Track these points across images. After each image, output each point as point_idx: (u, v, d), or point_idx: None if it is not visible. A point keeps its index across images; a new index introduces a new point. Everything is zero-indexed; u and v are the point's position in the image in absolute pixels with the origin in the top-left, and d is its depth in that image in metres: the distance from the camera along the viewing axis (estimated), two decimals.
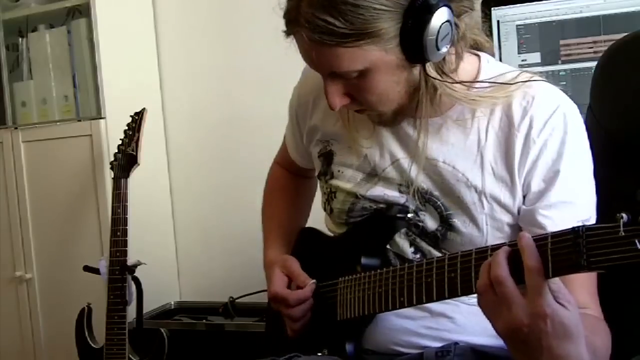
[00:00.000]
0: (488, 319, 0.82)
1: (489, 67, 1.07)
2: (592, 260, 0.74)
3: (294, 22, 0.93)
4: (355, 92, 0.98)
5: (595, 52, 1.81)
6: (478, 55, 1.08)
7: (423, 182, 1.07)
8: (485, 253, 0.86)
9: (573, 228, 0.76)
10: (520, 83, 1.01)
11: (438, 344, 1.06)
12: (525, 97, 1.02)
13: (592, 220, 1.00)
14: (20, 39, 2.44)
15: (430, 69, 0.97)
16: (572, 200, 1.00)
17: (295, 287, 1.15)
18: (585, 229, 0.75)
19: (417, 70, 0.97)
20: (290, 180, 1.40)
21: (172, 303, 2.47)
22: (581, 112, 1.21)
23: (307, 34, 0.91)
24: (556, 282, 0.78)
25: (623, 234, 0.70)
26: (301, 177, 1.38)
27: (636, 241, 0.69)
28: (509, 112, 1.02)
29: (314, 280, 1.14)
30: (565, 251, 0.76)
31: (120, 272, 1.98)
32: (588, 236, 0.74)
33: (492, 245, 0.86)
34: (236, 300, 2.16)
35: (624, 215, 0.70)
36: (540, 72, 1.83)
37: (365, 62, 0.93)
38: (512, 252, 0.81)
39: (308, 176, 1.36)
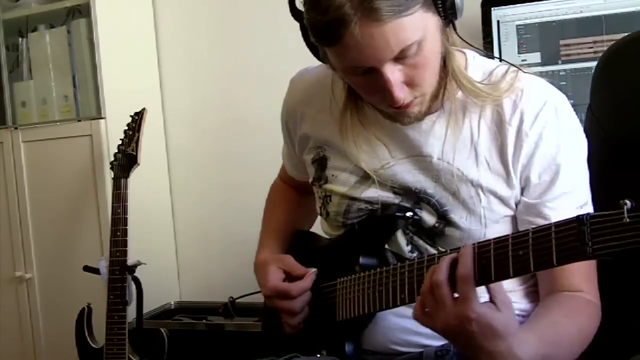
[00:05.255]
0: (428, 320, 0.90)
1: (475, 62, 1.09)
2: (597, 247, 0.75)
3: (347, 16, 0.89)
4: (412, 74, 0.97)
5: (595, 52, 1.81)
6: (464, 52, 1.09)
7: (417, 181, 1.08)
8: (488, 247, 0.87)
9: (578, 216, 0.77)
10: (511, 81, 1.04)
11: (437, 342, 1.06)
12: (514, 91, 1.04)
13: (589, 202, 1.05)
14: (20, 39, 2.44)
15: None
16: (573, 189, 1.03)
17: (289, 279, 1.16)
18: (589, 216, 0.76)
19: (443, 40, 0.99)
20: (291, 191, 1.40)
21: (172, 303, 2.47)
22: (581, 112, 1.21)
23: (382, 6, 0.88)
24: (498, 283, 0.86)
25: (628, 220, 0.71)
26: (303, 191, 1.37)
27: None
28: (499, 106, 1.05)
29: (315, 270, 1.14)
30: (570, 239, 0.77)
31: (120, 272, 1.98)
32: (592, 224, 0.75)
33: (494, 239, 0.88)
34: (236, 300, 2.16)
35: (627, 201, 0.71)
36: (540, 72, 1.84)
37: (422, 27, 0.93)
38: (457, 259, 0.87)
39: (309, 191, 1.36)
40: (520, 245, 0.83)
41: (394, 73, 0.95)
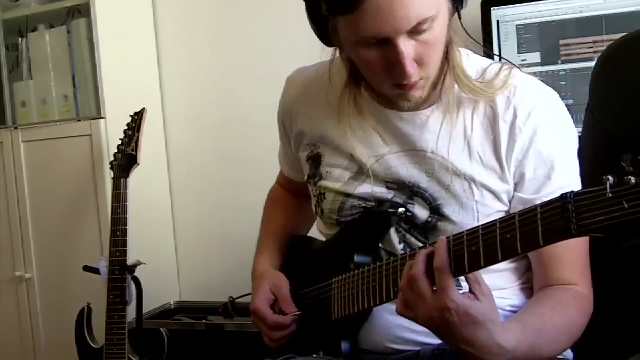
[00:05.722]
0: (410, 313, 0.91)
1: (469, 61, 1.10)
2: (582, 224, 0.75)
3: None
4: (422, 52, 0.98)
5: (595, 52, 1.81)
6: (459, 51, 1.09)
7: (411, 176, 1.09)
8: (476, 232, 0.87)
9: (562, 195, 0.77)
10: (505, 78, 1.05)
11: (433, 340, 1.05)
12: (508, 88, 1.05)
13: None
14: (20, 39, 2.44)
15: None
16: (569, 183, 1.04)
17: (278, 309, 1.18)
18: (573, 194, 0.76)
19: (449, 28, 1.01)
20: (289, 196, 1.40)
21: (172, 303, 2.47)
22: (581, 112, 1.21)
23: None
24: (476, 274, 0.87)
25: (611, 195, 0.71)
26: (300, 197, 1.37)
27: (624, 201, 0.70)
28: (493, 102, 1.06)
29: (299, 313, 1.16)
30: (555, 218, 0.77)
31: (120, 272, 1.98)
32: (577, 201, 0.75)
33: (467, 230, 0.89)
34: (236, 300, 2.16)
35: (610, 177, 0.71)
36: (540, 72, 1.84)
37: (437, 5, 0.96)
38: (433, 252, 0.89)
39: (307, 195, 1.36)
40: (508, 228, 0.83)
41: (407, 47, 0.96)
